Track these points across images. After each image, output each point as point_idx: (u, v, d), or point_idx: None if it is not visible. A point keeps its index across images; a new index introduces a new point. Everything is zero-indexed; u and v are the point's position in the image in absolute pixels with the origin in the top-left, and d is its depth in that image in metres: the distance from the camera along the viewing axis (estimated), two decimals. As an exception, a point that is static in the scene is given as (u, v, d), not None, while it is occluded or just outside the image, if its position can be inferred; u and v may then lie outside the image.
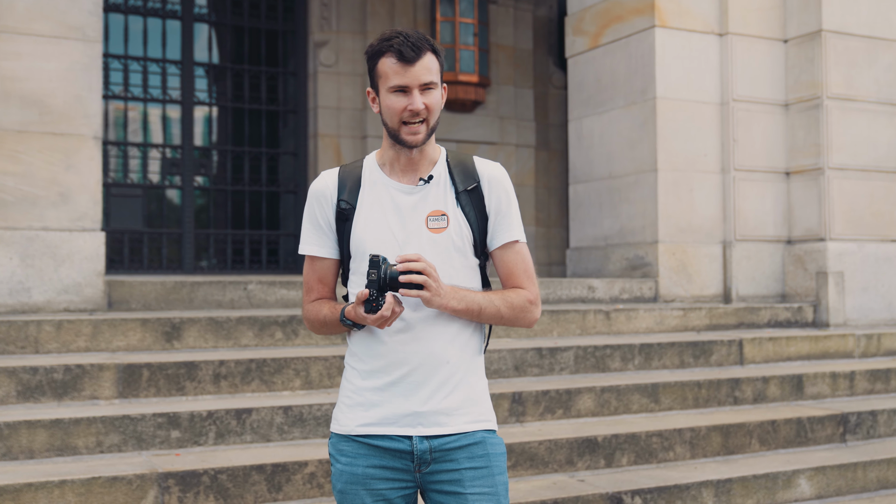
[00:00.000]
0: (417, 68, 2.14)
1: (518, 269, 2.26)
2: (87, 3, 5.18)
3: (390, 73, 2.15)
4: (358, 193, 2.24)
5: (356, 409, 2.21)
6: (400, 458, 2.18)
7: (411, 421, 2.17)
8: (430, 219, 2.20)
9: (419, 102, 2.14)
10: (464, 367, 2.21)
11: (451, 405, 2.18)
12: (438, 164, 2.26)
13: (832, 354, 6.16)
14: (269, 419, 4.13)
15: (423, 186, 2.23)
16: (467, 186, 2.23)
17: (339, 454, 2.22)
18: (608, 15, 7.17)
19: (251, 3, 9.46)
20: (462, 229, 2.21)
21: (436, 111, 2.19)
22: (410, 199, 2.22)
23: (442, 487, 2.19)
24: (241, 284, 5.55)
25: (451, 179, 2.24)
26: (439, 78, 2.20)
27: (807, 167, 6.94)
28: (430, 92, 2.17)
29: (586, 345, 5.33)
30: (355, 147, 9.38)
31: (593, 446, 4.43)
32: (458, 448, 2.18)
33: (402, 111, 2.15)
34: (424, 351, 2.16)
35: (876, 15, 7.03)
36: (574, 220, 7.56)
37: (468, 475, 2.18)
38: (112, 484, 3.51)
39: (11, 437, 3.73)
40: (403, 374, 2.17)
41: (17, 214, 4.98)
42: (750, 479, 4.42)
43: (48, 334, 4.49)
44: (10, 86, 5.00)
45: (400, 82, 2.14)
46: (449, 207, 2.22)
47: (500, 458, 2.23)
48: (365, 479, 2.18)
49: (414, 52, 2.13)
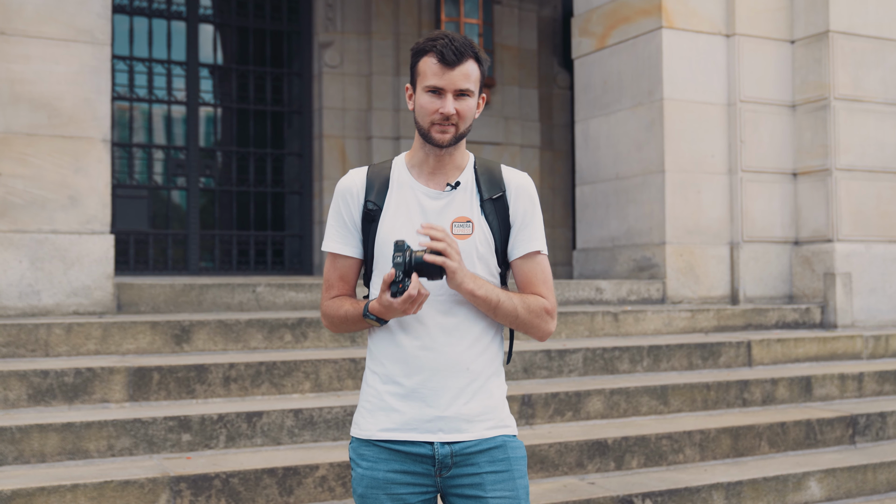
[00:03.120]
0: (456, 73, 2.13)
1: (537, 278, 2.24)
2: (96, 6, 5.18)
3: (428, 73, 2.14)
4: (385, 195, 2.23)
5: (377, 413, 2.20)
6: (421, 462, 2.18)
7: (432, 427, 2.16)
8: (455, 225, 2.19)
9: (451, 107, 2.13)
10: (484, 374, 2.21)
11: (471, 411, 2.18)
12: (466, 171, 2.25)
13: (840, 356, 6.15)
14: (280, 422, 4.13)
15: (449, 192, 2.22)
16: (493, 195, 2.22)
17: (360, 458, 2.22)
18: (615, 16, 7.16)
19: (256, 4, 9.46)
20: (486, 237, 2.20)
21: (467, 118, 2.17)
22: (437, 203, 2.21)
23: (463, 491, 2.19)
24: (249, 287, 5.54)
25: (477, 187, 2.23)
26: (478, 87, 2.18)
27: (814, 168, 6.94)
28: (465, 99, 2.16)
29: (595, 346, 5.33)
30: (360, 148, 9.38)
31: (603, 449, 4.43)
32: (479, 452, 2.18)
33: (434, 113, 2.15)
34: (445, 356, 2.16)
35: (883, 16, 7.02)
36: (581, 222, 7.55)
37: (489, 479, 2.17)
38: (124, 488, 3.51)
39: (23, 440, 3.73)
40: (423, 379, 2.16)
41: (26, 217, 4.98)
42: (760, 482, 4.42)
43: (58, 337, 4.49)
44: (20, 89, 5.00)
45: (436, 83, 2.14)
46: (474, 214, 2.21)
47: (520, 462, 2.23)
48: (386, 483, 2.18)
49: (455, 56, 2.12)
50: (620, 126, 7.11)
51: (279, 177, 9.58)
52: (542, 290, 2.24)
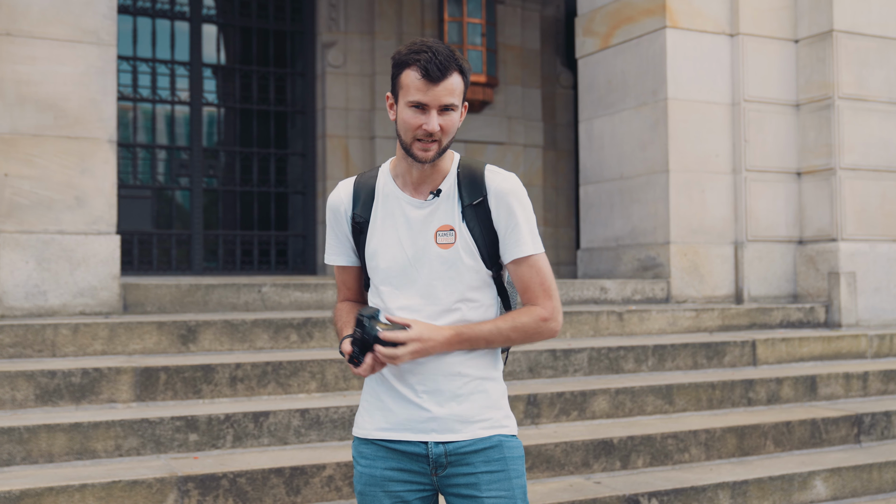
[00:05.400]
0: (440, 89, 2.09)
1: (533, 283, 2.20)
2: (101, 7, 5.19)
3: (412, 88, 2.10)
4: (371, 207, 2.24)
5: (375, 413, 2.24)
6: (416, 461, 2.20)
7: (425, 427, 2.18)
8: (438, 234, 2.18)
9: (435, 124, 2.10)
10: (479, 375, 2.21)
11: (465, 412, 2.18)
12: (449, 176, 2.22)
13: (845, 355, 6.15)
14: (286, 422, 4.14)
15: (432, 201, 2.20)
16: (473, 201, 2.18)
17: (360, 456, 2.26)
18: (619, 16, 7.17)
19: (259, 4, 9.46)
20: (468, 244, 2.18)
21: (450, 133, 2.15)
22: (420, 213, 2.21)
23: (459, 491, 2.20)
24: (255, 287, 5.55)
25: (458, 193, 2.20)
26: (461, 99, 2.15)
27: (818, 167, 6.94)
28: (449, 114, 2.13)
29: (600, 346, 5.34)
30: (364, 148, 9.39)
31: (609, 448, 4.43)
32: (473, 452, 2.19)
33: (417, 129, 2.12)
34: (438, 359, 2.17)
35: (887, 15, 7.02)
36: (585, 221, 7.56)
37: (484, 479, 2.18)
38: (132, 488, 3.52)
39: (31, 440, 3.74)
40: (417, 381, 2.18)
41: (32, 218, 4.99)
42: (766, 481, 4.42)
43: (65, 338, 4.50)
44: (26, 90, 5.01)
45: (420, 99, 2.10)
46: (456, 222, 2.19)
47: (517, 462, 2.23)
48: (383, 481, 2.21)
49: (440, 71, 2.08)
50: (624, 125, 7.12)
51: (282, 177, 9.58)
52: (538, 296, 2.20)
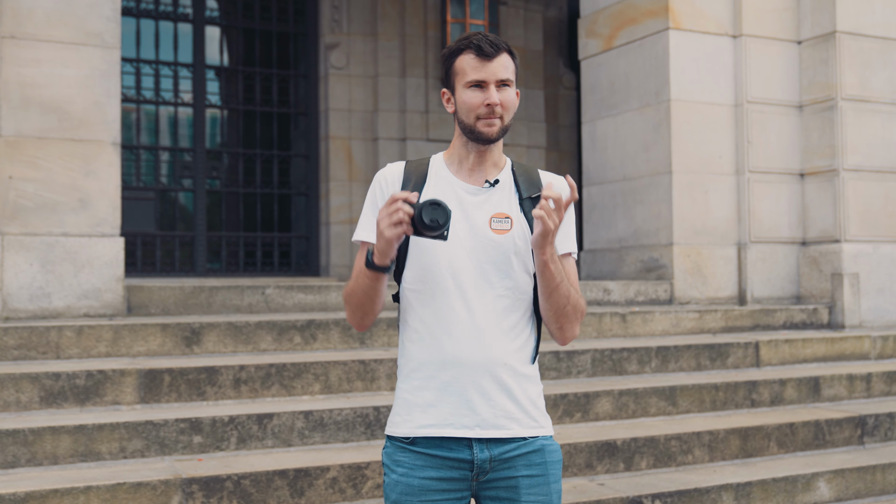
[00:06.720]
0: (495, 64, 2.15)
1: (571, 279, 2.21)
2: (105, 10, 5.20)
3: (468, 69, 2.16)
4: (423, 187, 2.22)
5: (413, 410, 2.17)
6: (458, 468, 2.16)
7: (469, 422, 2.14)
8: (493, 220, 2.18)
9: (495, 97, 2.14)
10: (523, 371, 2.19)
11: (510, 407, 2.16)
12: (504, 170, 2.25)
13: (848, 356, 6.15)
14: (291, 424, 4.15)
15: (488, 189, 2.21)
16: (532, 194, 2.22)
17: (395, 465, 2.19)
18: (622, 17, 7.17)
19: (262, 6, 9.48)
20: (525, 233, 2.19)
21: (511, 110, 2.18)
22: (475, 199, 2.20)
23: (497, 493, 2.18)
24: (258, 289, 5.56)
25: (515, 185, 2.23)
26: (514, 79, 2.20)
27: (821, 168, 6.94)
28: (506, 89, 2.17)
29: (603, 348, 5.34)
30: (367, 149, 9.40)
31: (612, 450, 4.43)
32: (517, 456, 2.17)
33: (479, 106, 2.15)
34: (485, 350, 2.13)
35: (890, 16, 7.02)
36: (588, 223, 7.56)
37: (524, 483, 2.17)
38: (137, 490, 3.53)
39: (36, 443, 3.75)
40: (457, 373, 2.13)
41: (37, 220, 5.00)
42: (769, 483, 4.42)
43: (69, 340, 4.51)
44: (30, 92, 5.03)
45: (477, 77, 2.14)
46: (513, 211, 2.20)
47: (556, 466, 2.22)
48: (421, 491, 2.15)
49: (492, 48, 2.14)
50: (627, 127, 7.12)
51: (285, 178, 9.59)
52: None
